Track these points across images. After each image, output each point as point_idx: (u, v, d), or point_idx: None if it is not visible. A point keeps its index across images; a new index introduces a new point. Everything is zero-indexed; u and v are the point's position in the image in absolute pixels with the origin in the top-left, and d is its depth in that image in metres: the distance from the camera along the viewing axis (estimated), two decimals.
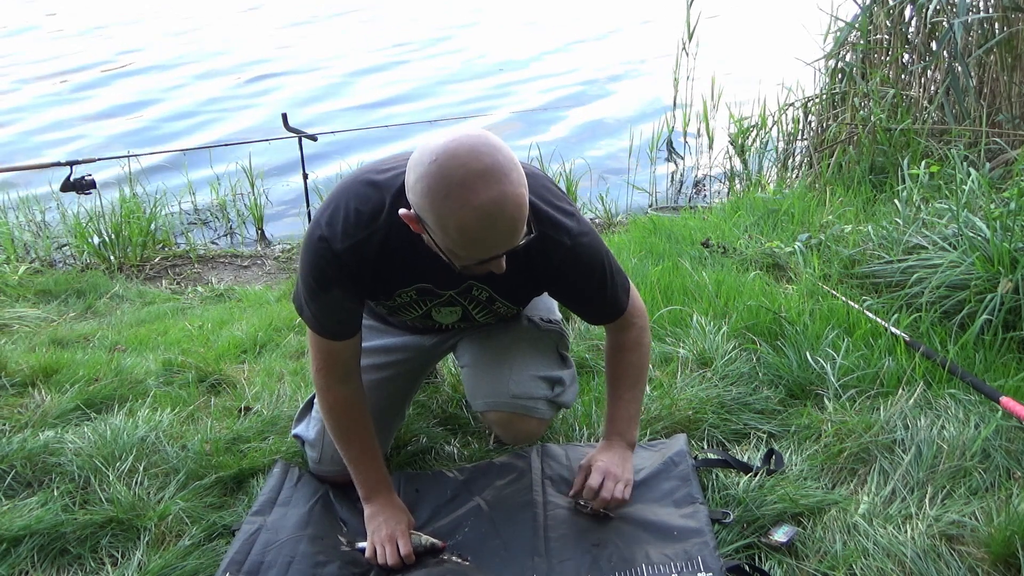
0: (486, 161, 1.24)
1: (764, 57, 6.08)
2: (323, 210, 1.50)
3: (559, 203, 1.51)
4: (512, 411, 1.70)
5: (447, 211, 1.24)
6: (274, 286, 3.90)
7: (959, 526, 1.60)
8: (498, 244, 1.30)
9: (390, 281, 1.55)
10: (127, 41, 9.44)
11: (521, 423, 1.71)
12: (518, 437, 1.78)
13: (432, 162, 1.24)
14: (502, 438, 1.88)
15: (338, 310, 1.57)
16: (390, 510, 1.67)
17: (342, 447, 1.70)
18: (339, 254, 1.46)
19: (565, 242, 1.49)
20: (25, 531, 1.69)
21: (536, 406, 1.71)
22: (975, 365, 2.13)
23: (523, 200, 1.28)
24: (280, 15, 10.99)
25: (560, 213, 1.50)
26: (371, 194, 1.45)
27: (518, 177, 1.27)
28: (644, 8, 9.33)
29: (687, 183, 5.28)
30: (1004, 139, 3.61)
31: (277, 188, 5.26)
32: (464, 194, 1.23)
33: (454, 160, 1.23)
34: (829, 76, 4.62)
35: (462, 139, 1.25)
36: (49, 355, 2.56)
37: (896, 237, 2.81)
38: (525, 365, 1.73)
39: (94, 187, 3.92)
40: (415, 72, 7.95)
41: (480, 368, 1.78)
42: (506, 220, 1.26)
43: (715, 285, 2.71)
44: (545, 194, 1.50)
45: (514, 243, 1.32)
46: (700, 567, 1.52)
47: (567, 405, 1.79)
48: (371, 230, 1.45)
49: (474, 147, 1.24)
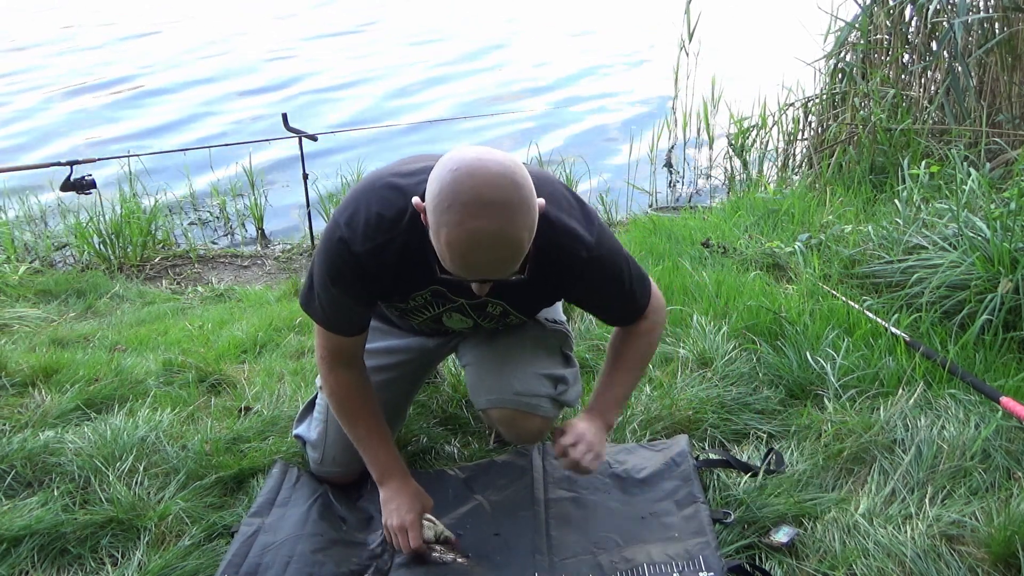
0: (499, 195, 1.23)
1: (764, 57, 6.08)
2: (343, 210, 1.49)
3: (577, 213, 1.51)
4: (516, 408, 1.69)
5: (443, 221, 1.25)
6: (274, 286, 3.89)
7: (959, 526, 1.60)
8: (479, 272, 1.31)
9: (407, 284, 1.55)
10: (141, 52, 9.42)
11: (525, 421, 1.71)
12: (521, 435, 1.77)
13: (453, 170, 1.25)
14: (505, 436, 1.88)
15: (350, 311, 1.59)
16: (403, 495, 1.66)
17: (349, 430, 1.70)
18: (358, 256, 1.46)
19: (582, 254, 1.49)
20: (25, 531, 1.69)
21: (540, 404, 1.70)
22: (975, 365, 2.13)
23: (519, 243, 1.27)
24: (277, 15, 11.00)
25: (578, 224, 1.50)
26: (394, 199, 1.45)
27: (525, 220, 1.27)
28: (644, 8, 9.33)
29: (687, 183, 5.28)
30: (1004, 139, 3.61)
31: (277, 188, 5.26)
32: (462, 214, 1.23)
33: (470, 179, 1.23)
34: (829, 76, 4.63)
35: (489, 163, 1.25)
36: (49, 355, 2.56)
37: (896, 237, 2.81)
38: (529, 363, 1.73)
39: (94, 187, 3.91)
40: (414, 72, 7.95)
41: (483, 366, 1.77)
42: (493, 254, 1.26)
43: (715, 285, 2.71)
44: (563, 204, 1.50)
45: (498, 276, 1.32)
46: (702, 567, 1.52)
47: (571, 404, 1.79)
48: (392, 234, 1.44)
49: (496, 176, 1.24)
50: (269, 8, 11.52)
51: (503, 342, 1.78)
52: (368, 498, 1.85)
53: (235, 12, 11.31)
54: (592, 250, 1.50)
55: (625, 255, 1.60)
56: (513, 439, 1.86)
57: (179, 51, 9.16)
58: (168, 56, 8.93)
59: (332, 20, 10.64)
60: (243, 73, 8.14)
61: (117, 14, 11.40)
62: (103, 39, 9.87)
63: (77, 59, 8.94)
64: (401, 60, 8.43)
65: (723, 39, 6.56)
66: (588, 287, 1.57)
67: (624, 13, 9.71)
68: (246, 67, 8.36)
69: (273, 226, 4.90)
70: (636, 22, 9.26)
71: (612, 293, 1.60)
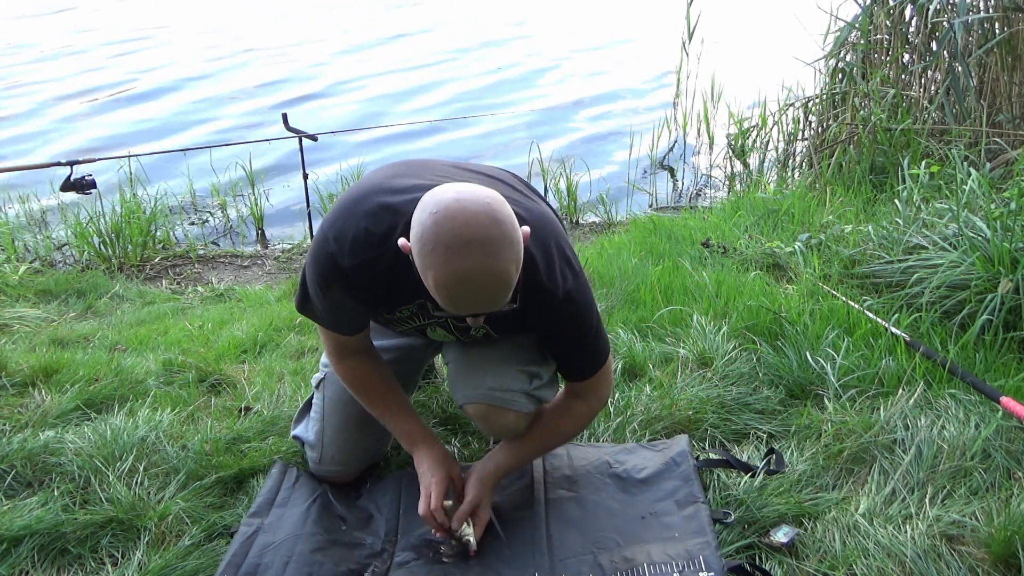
0: (479, 233, 1.25)
1: (764, 57, 6.08)
2: (332, 223, 1.51)
3: (562, 259, 1.53)
4: (489, 403, 1.69)
5: (429, 263, 1.28)
6: (274, 286, 3.89)
7: (959, 526, 1.60)
8: (470, 308, 1.33)
9: (394, 298, 1.56)
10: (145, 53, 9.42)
11: (498, 415, 1.70)
12: (496, 430, 1.77)
13: (433, 213, 1.27)
14: (483, 432, 1.90)
15: (345, 315, 1.63)
16: (428, 461, 1.70)
17: (371, 409, 1.76)
18: (346, 270, 1.48)
19: (558, 295, 1.51)
20: (25, 531, 1.69)
21: (514, 398, 1.70)
22: (975, 365, 2.13)
23: (506, 277, 1.29)
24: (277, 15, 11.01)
25: (562, 266, 1.52)
26: (384, 217, 1.46)
27: (509, 254, 1.28)
28: (644, 8, 9.34)
29: (687, 183, 5.28)
30: (1004, 139, 3.61)
31: (277, 188, 5.26)
32: (446, 256, 1.25)
33: (450, 222, 1.26)
34: (829, 76, 4.63)
35: (467, 203, 1.27)
36: (49, 355, 2.56)
37: (896, 237, 2.81)
38: (504, 360, 1.73)
39: (94, 187, 3.92)
40: (415, 72, 7.95)
41: (461, 364, 1.79)
42: (482, 291, 1.29)
43: (715, 285, 2.71)
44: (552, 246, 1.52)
45: (489, 309, 1.34)
46: (702, 567, 1.52)
47: (547, 400, 1.79)
48: (380, 251, 1.45)
49: (474, 215, 1.26)
50: (268, 8, 11.52)
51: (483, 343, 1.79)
52: (368, 497, 1.86)
53: (234, 12, 11.30)
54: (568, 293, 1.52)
55: (594, 315, 1.62)
56: (489, 434, 1.89)
57: (178, 51, 9.16)
58: (167, 56, 8.93)
59: (332, 20, 10.64)
60: (242, 73, 8.14)
61: (118, 14, 11.41)
62: (103, 40, 9.87)
63: (77, 60, 8.94)
64: (401, 60, 8.43)
65: (723, 39, 6.57)
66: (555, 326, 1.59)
67: (624, 13, 9.71)
68: (245, 67, 8.36)
69: (273, 226, 4.90)
70: (636, 22, 9.26)
71: (570, 335, 1.61)
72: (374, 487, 1.89)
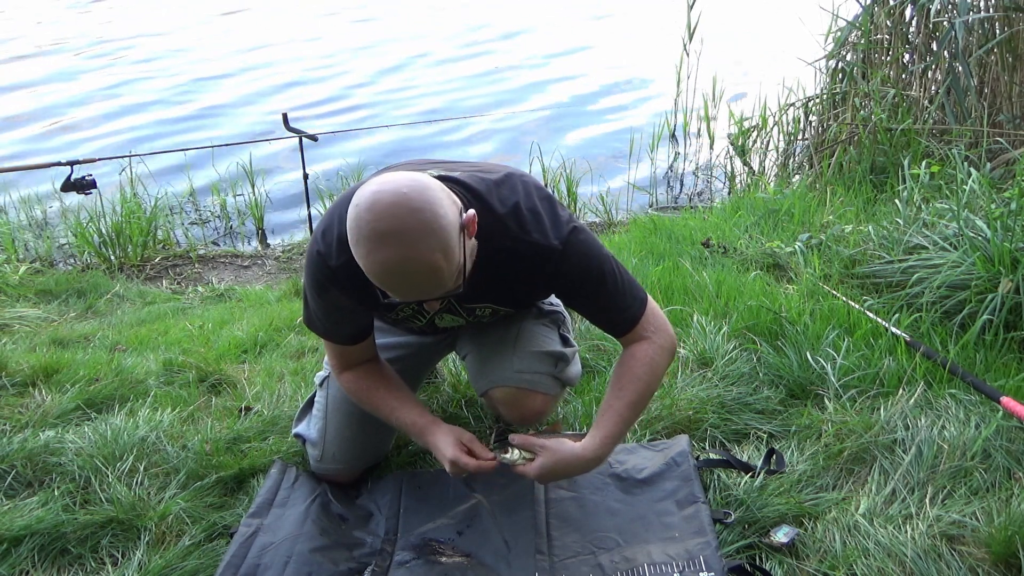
0: (394, 224, 1.25)
1: (765, 57, 6.08)
2: (321, 224, 1.54)
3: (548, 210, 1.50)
4: (517, 385, 1.69)
5: (357, 255, 1.29)
6: (274, 286, 3.90)
7: (960, 526, 1.60)
8: (410, 295, 1.33)
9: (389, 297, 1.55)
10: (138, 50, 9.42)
11: (527, 399, 1.70)
12: (524, 414, 1.75)
13: (355, 206, 1.29)
14: (508, 418, 1.84)
15: (344, 319, 1.62)
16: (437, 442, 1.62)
17: (376, 414, 1.73)
18: (334, 270, 1.49)
19: (557, 247, 1.48)
20: (25, 531, 1.70)
21: (541, 380, 1.70)
22: (976, 365, 2.13)
23: (431, 264, 1.27)
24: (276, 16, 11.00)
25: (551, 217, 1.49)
26: None
27: (429, 242, 1.27)
28: (644, 8, 9.33)
29: (687, 183, 5.28)
30: (1005, 139, 3.61)
31: (277, 188, 5.27)
32: (367, 248, 1.27)
33: (367, 213, 1.26)
34: (830, 76, 4.63)
35: (383, 194, 1.27)
36: (50, 355, 2.57)
37: (897, 237, 2.81)
38: (527, 343, 1.73)
39: (94, 187, 3.91)
40: (415, 72, 7.95)
41: (482, 352, 1.78)
42: (409, 279, 1.29)
43: (715, 285, 2.71)
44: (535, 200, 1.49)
45: (430, 296, 1.34)
46: (702, 567, 1.52)
47: (571, 382, 1.78)
48: None
49: (390, 206, 1.26)
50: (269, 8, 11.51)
51: (500, 329, 1.79)
52: (367, 496, 1.86)
53: (235, 12, 11.30)
54: (555, 252, 1.48)
55: (605, 256, 1.56)
56: (516, 419, 1.82)
57: (179, 51, 9.16)
58: (169, 56, 8.93)
59: (332, 20, 10.64)
60: (243, 73, 8.14)
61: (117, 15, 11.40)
62: (104, 39, 9.87)
63: (79, 60, 8.93)
64: (402, 61, 8.43)
65: (724, 39, 6.57)
66: (569, 275, 1.53)
67: (624, 13, 9.70)
68: (246, 67, 8.35)
69: (273, 226, 4.90)
70: (636, 22, 9.26)
71: (594, 279, 1.54)
72: (374, 486, 1.89)
